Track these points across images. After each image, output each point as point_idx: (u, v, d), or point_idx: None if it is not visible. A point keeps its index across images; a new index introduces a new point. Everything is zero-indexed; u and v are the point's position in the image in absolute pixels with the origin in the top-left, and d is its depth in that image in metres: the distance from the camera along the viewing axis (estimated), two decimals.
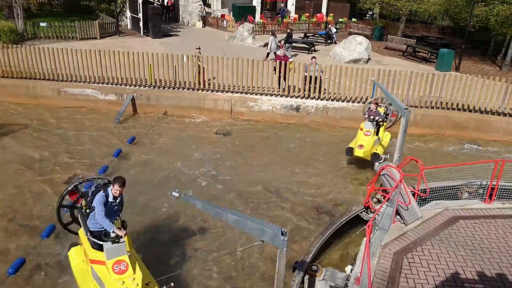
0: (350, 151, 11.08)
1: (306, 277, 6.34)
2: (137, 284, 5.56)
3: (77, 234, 6.47)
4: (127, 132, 12.84)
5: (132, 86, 15.19)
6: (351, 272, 6.59)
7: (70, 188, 6.41)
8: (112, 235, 5.58)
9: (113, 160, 10.93)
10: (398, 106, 9.21)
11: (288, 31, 23.89)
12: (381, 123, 11.37)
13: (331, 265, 7.16)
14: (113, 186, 5.75)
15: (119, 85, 15.18)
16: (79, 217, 6.31)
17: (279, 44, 20.72)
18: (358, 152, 10.89)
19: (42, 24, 23.10)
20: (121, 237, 5.63)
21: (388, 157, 10.96)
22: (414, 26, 34.91)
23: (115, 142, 12.17)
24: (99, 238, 5.72)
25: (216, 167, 10.79)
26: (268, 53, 20.41)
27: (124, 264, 5.64)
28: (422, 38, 29.26)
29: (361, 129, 11.37)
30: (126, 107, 14.14)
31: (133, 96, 14.48)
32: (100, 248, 5.69)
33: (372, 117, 11.10)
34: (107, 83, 15.22)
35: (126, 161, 11.11)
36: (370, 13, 38.59)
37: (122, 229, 5.71)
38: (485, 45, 27.51)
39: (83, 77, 15.17)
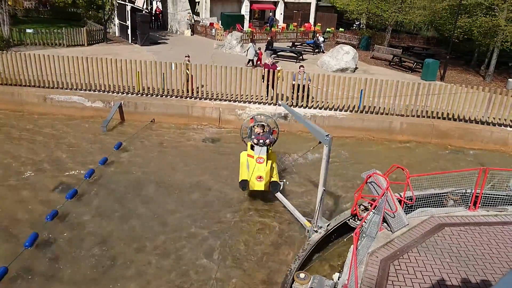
0: (244, 184, 9.35)
1: (294, 285, 6.33)
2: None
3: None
4: (113, 140, 12.72)
5: (120, 94, 15.11)
6: (338, 279, 6.60)
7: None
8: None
9: (99, 166, 10.84)
10: (318, 133, 7.69)
11: (269, 38, 24.19)
12: (271, 145, 10.03)
13: (318, 272, 7.16)
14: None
15: (106, 93, 15.09)
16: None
17: (258, 51, 21.09)
18: (259, 186, 9.29)
19: (28, 30, 22.91)
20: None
21: (285, 182, 10.22)
22: (400, 36, 35.51)
23: (101, 149, 12.05)
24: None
25: (200, 173, 10.76)
26: (250, 60, 21.01)
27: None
28: (408, 48, 29.76)
29: (251, 156, 9.66)
30: (113, 114, 14.03)
31: (121, 103, 14.40)
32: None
33: (262, 141, 9.62)
34: (94, 90, 15.11)
35: (112, 167, 11.02)
36: (357, 23, 39.14)
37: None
38: (469, 56, 28.08)
39: (69, 84, 15.05)
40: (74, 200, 9.31)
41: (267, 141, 9.75)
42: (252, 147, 9.65)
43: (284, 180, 10.12)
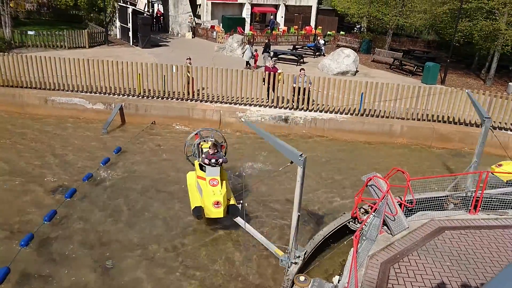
0: (199, 211, 8.24)
1: (294, 287, 6.32)
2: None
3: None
4: (114, 142, 12.74)
5: (121, 96, 15.13)
6: (338, 282, 6.60)
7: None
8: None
9: (99, 168, 10.86)
10: (291, 153, 6.64)
11: (266, 41, 24.35)
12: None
13: (318, 275, 7.15)
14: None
15: (107, 95, 15.12)
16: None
17: (254, 52, 21.29)
18: (217, 213, 8.05)
19: (30, 32, 22.97)
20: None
21: (244, 203, 8.80)
22: (401, 39, 35.57)
23: (102, 151, 12.06)
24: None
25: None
26: (247, 62, 21.31)
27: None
28: (409, 52, 29.82)
29: (201, 178, 8.55)
30: (114, 116, 14.06)
31: (121, 105, 14.42)
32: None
33: (215, 160, 8.61)
34: (95, 92, 15.15)
35: (112, 170, 11.03)
36: (358, 26, 39.24)
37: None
38: (469, 59, 28.12)
39: (70, 86, 15.08)
40: (72, 200, 9.34)
41: (220, 160, 8.65)
42: (201, 167, 8.63)
43: (242, 202, 8.60)
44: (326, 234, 7.92)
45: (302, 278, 6.40)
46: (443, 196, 8.81)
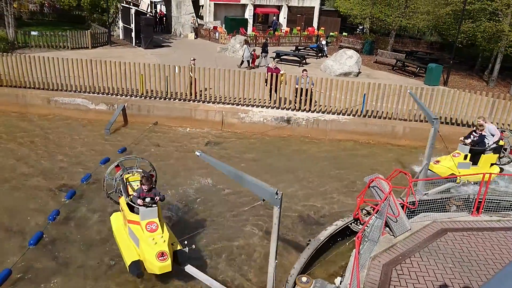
0: (137, 267, 6.53)
1: None
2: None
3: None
4: (117, 142, 12.77)
5: (123, 96, 15.17)
6: (340, 283, 6.58)
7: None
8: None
9: (99, 167, 10.88)
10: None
11: (264, 41, 24.47)
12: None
13: (320, 276, 7.14)
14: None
15: (110, 95, 15.16)
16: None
17: (252, 52, 21.42)
18: (165, 267, 6.46)
19: (33, 33, 23.07)
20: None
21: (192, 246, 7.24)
22: (404, 41, 35.56)
23: (104, 151, 12.09)
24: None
25: (202, 177, 10.77)
26: (243, 61, 21.55)
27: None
28: (411, 53, 29.77)
29: (134, 223, 6.90)
30: (117, 117, 14.09)
31: (124, 106, 14.46)
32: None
33: (150, 198, 6.91)
34: (98, 93, 15.18)
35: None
36: (360, 27, 39.23)
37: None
38: (472, 61, 28.07)
39: (73, 86, 15.13)
40: (75, 200, 9.37)
41: (157, 198, 6.93)
42: (131, 208, 6.97)
43: (188, 245, 6.86)
44: (328, 235, 7.91)
45: (304, 279, 6.39)
46: (445, 198, 8.79)
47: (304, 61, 24.44)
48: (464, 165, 10.66)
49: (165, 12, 35.75)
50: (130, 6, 26.28)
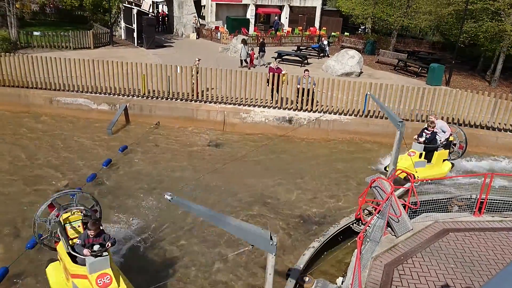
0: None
1: None
2: None
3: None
4: (118, 142, 12.80)
5: (125, 96, 15.19)
6: (342, 283, 6.59)
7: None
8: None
9: (103, 169, 10.91)
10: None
11: (261, 40, 24.55)
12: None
13: (322, 276, 7.14)
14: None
15: (112, 95, 15.18)
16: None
17: (249, 52, 21.49)
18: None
19: (35, 33, 23.10)
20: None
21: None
22: (406, 41, 35.50)
23: (106, 151, 12.12)
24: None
25: (202, 177, 10.79)
26: (242, 61, 21.81)
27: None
28: (413, 53, 29.72)
29: (79, 277, 5.75)
30: (119, 117, 14.11)
31: (126, 106, 14.48)
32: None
33: (99, 245, 5.76)
34: (100, 93, 15.21)
35: (116, 169, 11.08)
36: (362, 27, 39.18)
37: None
38: (474, 61, 28.01)
39: (75, 86, 15.16)
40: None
41: (108, 244, 5.77)
42: (72, 258, 5.77)
43: None
44: (330, 235, 7.91)
45: (306, 278, 6.40)
46: (447, 198, 8.78)
47: (306, 61, 24.41)
48: (420, 164, 10.78)
49: (167, 12, 35.77)
50: (132, 6, 26.30)
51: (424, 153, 10.82)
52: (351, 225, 8.29)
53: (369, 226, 7.35)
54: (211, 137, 13.88)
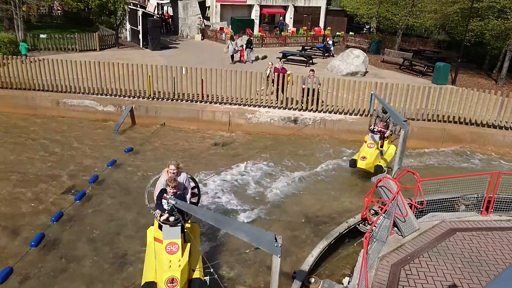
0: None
1: None
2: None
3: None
4: (125, 143, 12.87)
5: (131, 98, 15.28)
6: (348, 284, 6.58)
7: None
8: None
9: (106, 169, 10.99)
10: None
11: (248, 37, 24.77)
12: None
13: (328, 277, 7.14)
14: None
15: (118, 97, 15.27)
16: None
17: (238, 48, 23.09)
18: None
19: (42, 35, 23.30)
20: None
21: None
22: (411, 40, 35.34)
23: (112, 152, 12.18)
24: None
25: (209, 177, 10.81)
26: (231, 56, 22.81)
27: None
28: (419, 52, 29.60)
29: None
30: (125, 118, 14.19)
31: (132, 107, 14.55)
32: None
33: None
34: (106, 95, 15.31)
35: (121, 170, 11.17)
36: (367, 27, 39.08)
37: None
38: (480, 59, 27.83)
39: (82, 88, 15.27)
40: (82, 202, 9.45)
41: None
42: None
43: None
44: (336, 235, 7.90)
45: (312, 280, 6.40)
46: (454, 197, 8.73)
47: (311, 61, 24.40)
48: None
49: (170, 14, 35.91)
50: (137, 8, 26.41)
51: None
52: (357, 225, 8.28)
53: (375, 226, 7.34)
54: (216, 138, 13.91)
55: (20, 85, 15.32)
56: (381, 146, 11.20)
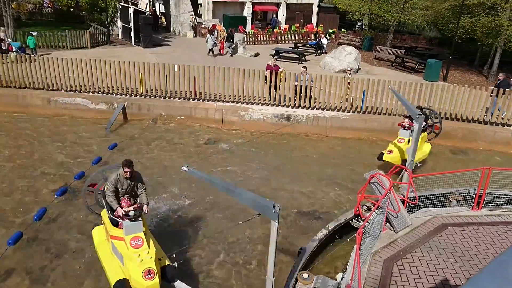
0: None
1: (297, 285, 6.35)
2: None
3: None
4: (116, 141, 12.77)
5: (123, 95, 15.19)
6: (342, 279, 6.62)
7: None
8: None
9: (91, 166, 10.95)
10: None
11: (229, 31, 25.34)
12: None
13: (322, 272, 7.17)
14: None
15: (110, 94, 15.17)
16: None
17: (217, 42, 24.01)
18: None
19: (32, 33, 23.01)
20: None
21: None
22: (403, 37, 35.46)
23: (104, 150, 12.11)
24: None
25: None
26: (209, 49, 23.64)
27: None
28: (411, 49, 29.71)
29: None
30: (117, 116, 14.11)
31: (124, 105, 14.47)
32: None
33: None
34: (98, 92, 15.20)
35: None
36: (359, 24, 39.13)
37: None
38: (471, 56, 28.03)
39: (73, 86, 15.14)
40: (64, 198, 9.47)
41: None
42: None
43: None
44: (329, 231, 7.94)
45: (305, 275, 6.43)
46: (445, 193, 8.81)
47: (304, 58, 24.42)
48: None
49: (162, 11, 35.70)
50: (129, 5, 26.20)
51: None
52: (350, 221, 8.32)
53: (368, 222, 7.38)
54: (209, 135, 13.88)
55: (11, 83, 15.15)
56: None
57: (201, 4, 33.77)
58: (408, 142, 11.17)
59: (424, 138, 11.87)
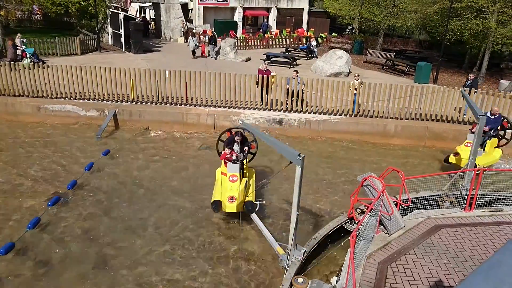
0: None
1: None
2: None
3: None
4: (108, 148, 12.68)
5: (114, 102, 15.09)
6: (336, 283, 6.60)
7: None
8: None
9: (84, 174, 10.85)
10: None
11: (210, 34, 25.85)
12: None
13: (316, 276, 7.15)
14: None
15: (100, 101, 15.06)
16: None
17: (198, 44, 24.61)
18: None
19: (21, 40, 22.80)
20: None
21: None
22: (393, 40, 35.78)
23: (95, 157, 12.00)
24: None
25: (194, 179, 10.75)
26: (192, 51, 24.35)
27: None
28: (401, 52, 29.98)
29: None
30: (108, 122, 14.01)
31: (115, 111, 14.38)
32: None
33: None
34: (89, 99, 15.09)
35: (101, 174, 11.05)
36: (349, 28, 39.42)
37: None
38: (461, 58, 28.35)
39: (63, 93, 15.02)
40: (58, 206, 9.35)
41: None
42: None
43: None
44: (323, 235, 7.93)
45: (300, 279, 6.40)
46: (438, 195, 8.85)
47: (295, 62, 24.50)
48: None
49: (152, 17, 35.65)
50: (119, 12, 26.13)
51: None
52: (343, 225, 8.32)
53: (361, 225, 7.38)
54: (202, 141, 13.83)
55: None
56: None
57: (191, 9, 33.81)
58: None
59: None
